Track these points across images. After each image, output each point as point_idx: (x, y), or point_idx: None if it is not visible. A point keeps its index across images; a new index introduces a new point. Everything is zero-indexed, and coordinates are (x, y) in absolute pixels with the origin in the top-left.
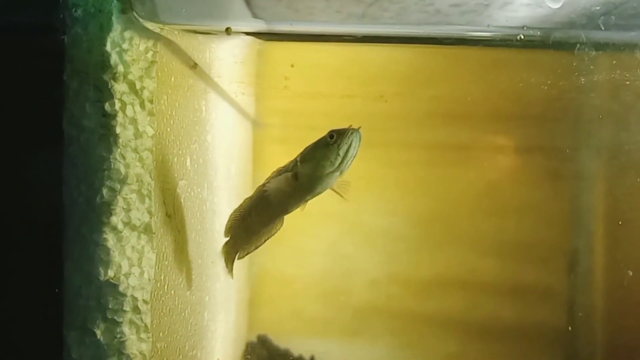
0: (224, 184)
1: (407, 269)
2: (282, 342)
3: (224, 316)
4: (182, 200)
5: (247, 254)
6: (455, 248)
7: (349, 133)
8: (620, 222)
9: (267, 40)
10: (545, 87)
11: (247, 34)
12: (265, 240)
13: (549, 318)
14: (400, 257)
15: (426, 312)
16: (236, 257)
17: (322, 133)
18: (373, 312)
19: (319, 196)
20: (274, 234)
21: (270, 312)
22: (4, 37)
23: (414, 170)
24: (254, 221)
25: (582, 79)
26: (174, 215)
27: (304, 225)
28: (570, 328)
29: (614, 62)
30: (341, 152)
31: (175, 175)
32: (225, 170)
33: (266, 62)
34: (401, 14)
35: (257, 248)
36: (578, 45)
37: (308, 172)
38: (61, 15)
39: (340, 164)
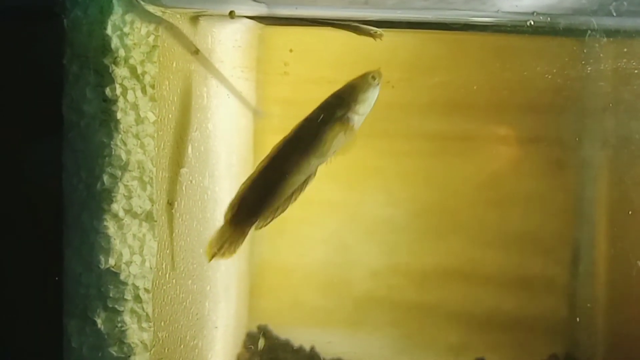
0: (225, 172)
1: (408, 259)
2: (282, 332)
3: (224, 306)
4: (183, 188)
5: (268, 223)
6: (458, 239)
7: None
8: (630, 212)
9: (269, 24)
10: (550, 76)
11: (250, 18)
12: (286, 207)
13: (552, 309)
14: (402, 248)
15: (427, 302)
16: (253, 228)
17: None
18: (374, 303)
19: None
20: (295, 199)
21: (271, 302)
22: (3, 20)
23: (416, 161)
24: (270, 179)
25: (590, 68)
26: (175, 204)
27: (305, 215)
28: (578, 319)
29: (625, 49)
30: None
31: (177, 162)
32: (227, 158)
33: (267, 47)
34: (404, 1)
35: (283, 212)
36: (589, 32)
37: (364, 111)
38: None
39: None
